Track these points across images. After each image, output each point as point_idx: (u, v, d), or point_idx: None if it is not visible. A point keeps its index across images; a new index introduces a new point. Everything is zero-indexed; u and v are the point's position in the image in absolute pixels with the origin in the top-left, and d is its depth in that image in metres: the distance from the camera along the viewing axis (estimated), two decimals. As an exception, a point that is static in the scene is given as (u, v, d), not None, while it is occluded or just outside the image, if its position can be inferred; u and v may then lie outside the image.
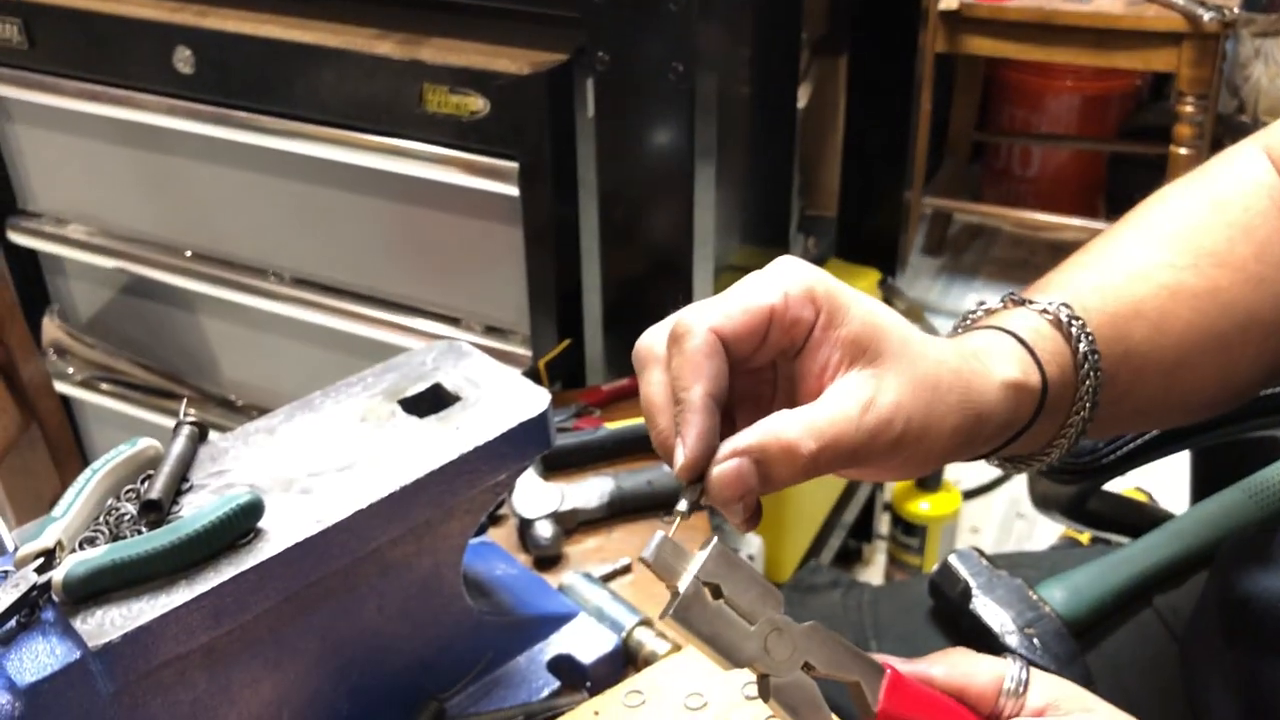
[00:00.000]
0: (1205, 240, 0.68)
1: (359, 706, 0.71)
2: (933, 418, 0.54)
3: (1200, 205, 0.70)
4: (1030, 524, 2.19)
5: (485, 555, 0.86)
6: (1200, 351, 0.66)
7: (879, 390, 0.52)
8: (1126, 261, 0.67)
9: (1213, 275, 0.67)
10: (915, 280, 2.96)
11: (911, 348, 0.54)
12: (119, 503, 0.65)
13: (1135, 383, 0.64)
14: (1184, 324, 0.65)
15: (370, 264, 1.49)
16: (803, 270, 0.54)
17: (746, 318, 0.52)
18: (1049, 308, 0.61)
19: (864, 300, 0.54)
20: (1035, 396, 0.59)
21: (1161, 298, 0.65)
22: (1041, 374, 0.59)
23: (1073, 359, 0.60)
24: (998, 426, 0.57)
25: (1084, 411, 0.61)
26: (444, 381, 0.74)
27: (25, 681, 0.56)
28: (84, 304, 1.81)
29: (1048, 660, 0.74)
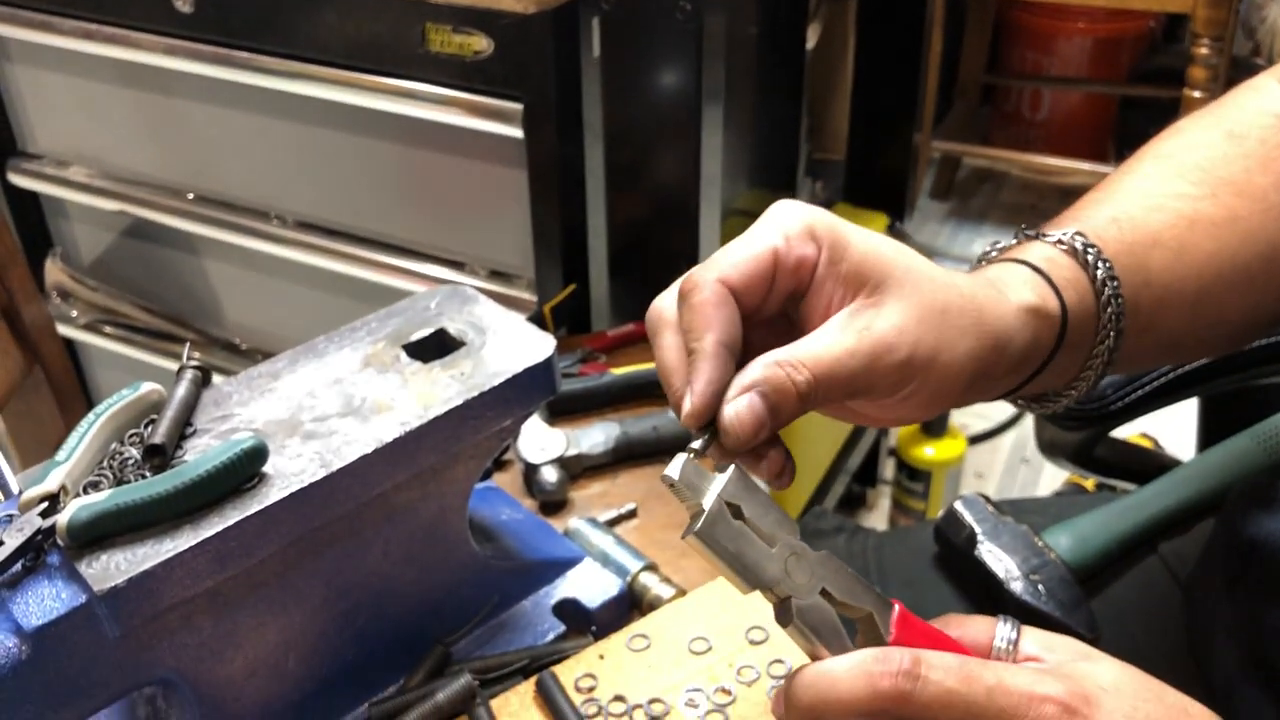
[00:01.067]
0: (1222, 170, 0.67)
1: (364, 650, 0.71)
2: (943, 342, 0.53)
3: (1216, 137, 0.69)
4: (1035, 470, 2.20)
5: (491, 500, 0.86)
6: (1223, 281, 0.65)
7: (878, 316, 0.52)
8: (1143, 193, 0.66)
9: (1231, 204, 0.65)
10: (923, 225, 2.94)
11: (917, 274, 0.53)
12: (122, 447, 0.65)
13: (1159, 312, 0.63)
14: (1205, 254, 0.64)
15: (373, 207, 1.48)
16: (801, 210, 0.53)
17: (752, 263, 0.52)
18: (1063, 238, 0.60)
19: (866, 234, 0.53)
20: (1055, 323, 0.58)
21: (1180, 227, 0.64)
22: (1060, 300, 0.58)
23: (1091, 286, 0.59)
24: (1018, 355, 0.56)
25: (1108, 341, 0.60)
26: (448, 326, 0.73)
27: (32, 624, 0.56)
28: (86, 247, 1.80)
29: (1052, 606, 0.74)
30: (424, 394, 0.68)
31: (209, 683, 0.64)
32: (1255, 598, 0.69)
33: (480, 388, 0.68)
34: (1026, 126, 3.10)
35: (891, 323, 0.52)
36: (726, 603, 0.72)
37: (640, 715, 0.64)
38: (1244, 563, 0.71)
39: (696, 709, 0.64)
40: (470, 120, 1.27)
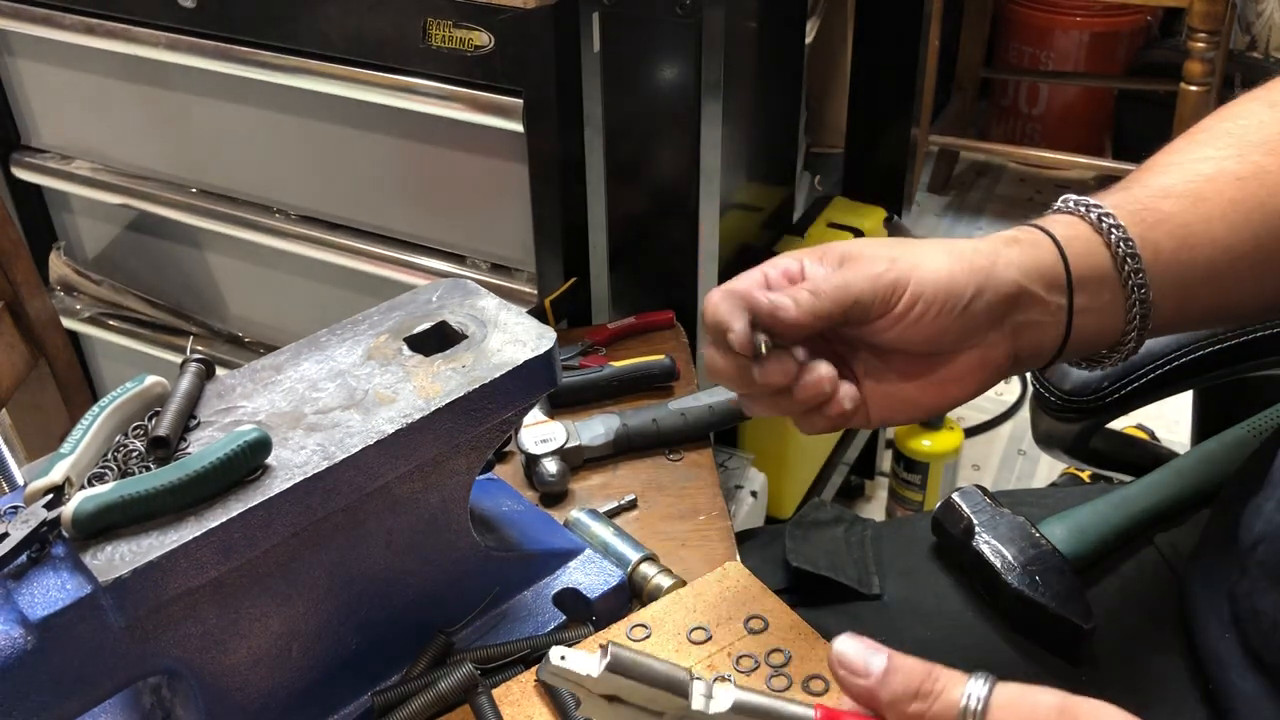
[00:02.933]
0: (1254, 135, 0.67)
1: (367, 640, 0.72)
2: (919, 258, 0.61)
3: (1255, 108, 0.69)
4: (1031, 462, 2.20)
5: (492, 491, 0.87)
6: (1260, 230, 0.65)
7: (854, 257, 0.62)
8: (1164, 162, 0.67)
9: (1258, 160, 0.65)
10: (921, 218, 2.95)
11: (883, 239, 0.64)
12: (127, 439, 0.65)
13: (1186, 253, 0.64)
14: (1226, 200, 0.64)
15: (376, 201, 1.48)
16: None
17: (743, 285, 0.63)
18: (1059, 206, 0.65)
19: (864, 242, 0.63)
20: (1050, 249, 0.62)
21: (1198, 181, 0.65)
22: (1046, 232, 0.63)
23: (1088, 224, 0.63)
24: (1013, 276, 0.61)
25: (1135, 277, 0.62)
26: (450, 319, 0.74)
27: (37, 615, 0.56)
28: (90, 240, 1.80)
29: (1049, 597, 0.74)
30: (425, 386, 0.68)
31: (213, 672, 0.65)
32: (1247, 588, 0.69)
33: (481, 380, 0.68)
34: (1024, 120, 3.10)
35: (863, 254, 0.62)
36: (726, 593, 0.73)
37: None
38: (1236, 553, 0.72)
39: (695, 698, 0.65)
40: (471, 115, 1.27)
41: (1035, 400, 1.00)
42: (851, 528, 0.87)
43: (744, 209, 1.48)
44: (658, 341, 1.19)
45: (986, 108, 3.17)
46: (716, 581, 0.74)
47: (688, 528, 0.89)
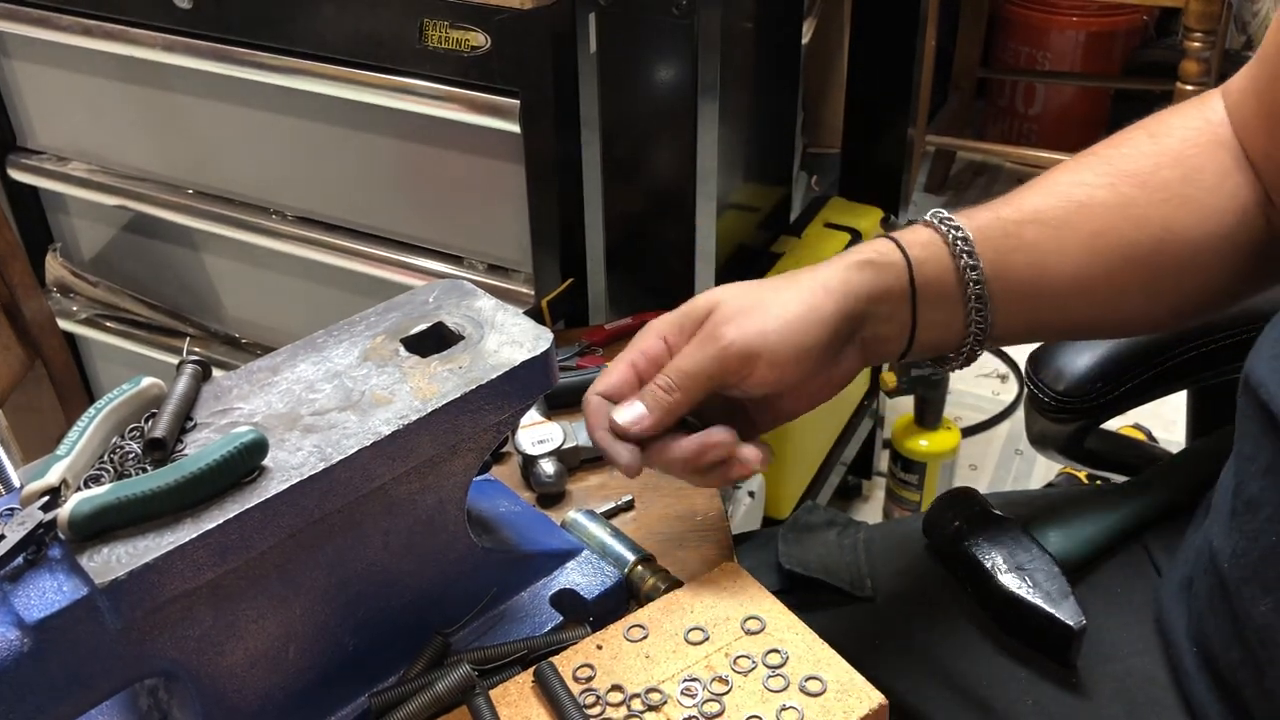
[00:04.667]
0: (1130, 165, 0.71)
1: (364, 641, 0.72)
2: (767, 306, 0.66)
3: (1138, 137, 0.73)
4: (1029, 462, 2.21)
5: (489, 492, 0.87)
6: (1116, 263, 0.70)
7: (710, 328, 0.67)
8: (1042, 185, 0.72)
9: (1127, 193, 0.70)
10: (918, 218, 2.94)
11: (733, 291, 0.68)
12: (123, 441, 0.65)
13: (1037, 280, 0.69)
14: (1089, 231, 0.69)
15: (372, 202, 1.48)
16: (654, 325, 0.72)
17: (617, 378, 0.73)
18: (926, 218, 0.70)
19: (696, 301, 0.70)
20: (901, 270, 0.67)
21: (1066, 208, 0.70)
22: (903, 251, 0.68)
23: (945, 244, 0.68)
24: (863, 300, 0.67)
25: (975, 295, 0.68)
26: (447, 320, 0.74)
27: (33, 617, 0.56)
28: (87, 242, 1.80)
29: (1039, 598, 0.74)
30: (422, 388, 0.68)
31: (210, 674, 0.65)
32: (1199, 606, 0.70)
33: (478, 381, 0.68)
34: (1020, 120, 3.11)
35: (715, 323, 0.67)
36: (723, 594, 0.73)
37: (638, 704, 0.65)
38: (1193, 568, 0.72)
39: (693, 698, 0.65)
40: (468, 115, 1.27)
41: (1029, 401, 1.00)
42: (844, 530, 0.87)
43: (741, 209, 1.48)
44: (654, 342, 1.19)
45: (983, 108, 3.17)
46: (713, 582, 0.74)
47: (685, 528, 0.89)
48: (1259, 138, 0.71)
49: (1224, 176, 0.71)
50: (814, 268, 0.69)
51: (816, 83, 1.84)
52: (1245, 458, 0.66)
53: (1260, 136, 0.71)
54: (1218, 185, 0.71)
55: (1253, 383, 0.65)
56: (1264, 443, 0.64)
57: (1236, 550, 0.65)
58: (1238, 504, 0.66)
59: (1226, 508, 0.68)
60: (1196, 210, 0.70)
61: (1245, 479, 0.66)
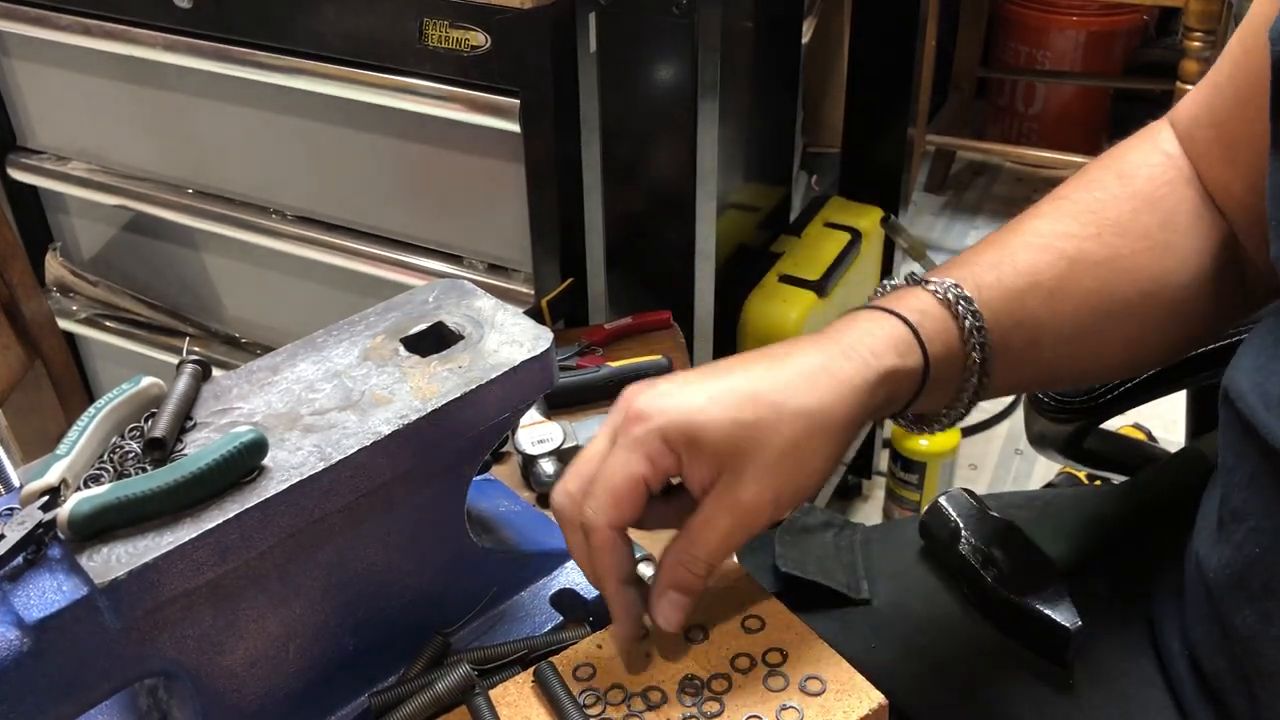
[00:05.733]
0: (1110, 211, 0.71)
1: (364, 641, 0.71)
2: (801, 468, 0.61)
3: (1108, 179, 0.73)
4: (1029, 461, 2.20)
5: (489, 492, 0.87)
6: (1103, 319, 0.70)
7: (741, 487, 0.60)
8: (1031, 235, 0.70)
9: (1114, 244, 0.70)
10: (918, 218, 2.95)
11: (764, 434, 0.60)
12: (123, 441, 0.65)
13: (1033, 347, 0.69)
14: (1083, 292, 0.69)
15: (372, 201, 1.48)
16: (653, 418, 0.60)
17: (629, 500, 0.61)
18: (939, 289, 0.66)
19: (714, 420, 0.60)
20: (917, 375, 0.64)
21: (1060, 267, 0.69)
22: (924, 354, 0.64)
23: (959, 334, 0.65)
24: (875, 410, 0.64)
25: (974, 378, 0.67)
26: (446, 320, 0.74)
27: (33, 617, 0.56)
28: (86, 241, 1.80)
29: (1034, 600, 0.74)
30: (422, 387, 0.68)
31: (210, 674, 0.65)
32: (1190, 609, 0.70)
33: (478, 381, 0.68)
34: (1020, 120, 3.11)
35: (753, 490, 0.60)
36: (723, 593, 0.73)
37: (638, 704, 0.65)
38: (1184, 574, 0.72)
39: (693, 697, 0.65)
40: (468, 115, 1.27)
41: (1029, 401, 1.00)
42: (841, 532, 0.87)
43: (741, 209, 1.48)
44: (654, 342, 1.19)
45: (983, 107, 3.17)
46: (713, 582, 0.74)
47: (684, 528, 0.89)
48: (1217, 169, 0.72)
49: (1196, 216, 0.72)
50: (855, 350, 0.63)
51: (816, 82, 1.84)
52: (1228, 469, 0.66)
53: (1219, 167, 0.72)
54: (1192, 226, 0.71)
55: (1232, 395, 0.65)
56: (1245, 454, 0.64)
57: (1222, 560, 0.66)
58: (1224, 514, 0.66)
59: (1213, 517, 0.68)
60: (1177, 255, 0.71)
61: (1229, 490, 0.66)
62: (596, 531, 0.62)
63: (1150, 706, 0.72)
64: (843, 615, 0.80)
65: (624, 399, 0.63)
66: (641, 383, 0.64)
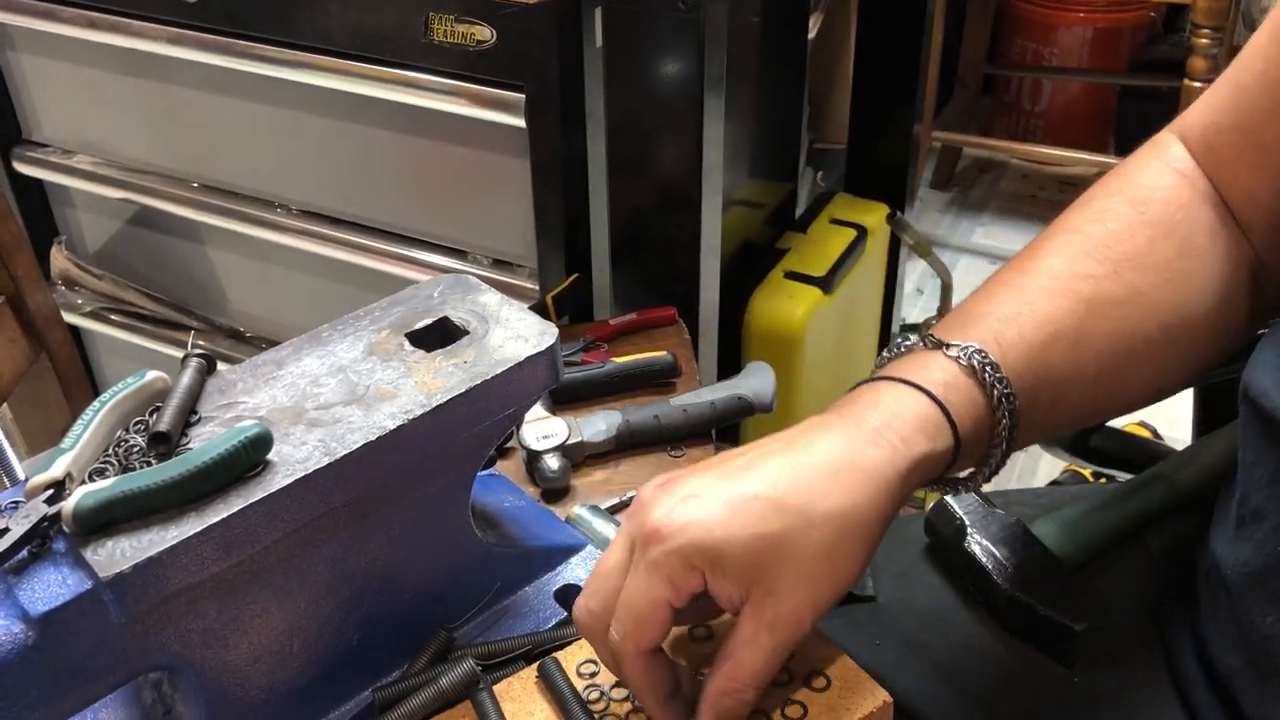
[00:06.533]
0: (1126, 245, 0.69)
1: (369, 636, 0.71)
2: (839, 574, 0.58)
3: (1121, 207, 0.71)
4: (1034, 458, 2.20)
5: (493, 487, 0.86)
6: (1125, 358, 0.68)
7: (777, 602, 0.56)
8: (1047, 277, 0.68)
9: (1132, 280, 0.68)
10: (923, 214, 2.94)
11: (794, 545, 0.56)
12: (128, 434, 0.65)
13: (1058, 401, 0.67)
14: (1104, 335, 0.67)
15: (377, 196, 1.48)
16: (672, 541, 0.56)
17: (656, 626, 0.58)
18: (963, 356, 0.63)
19: (736, 536, 0.56)
20: (946, 456, 0.62)
21: (1080, 313, 0.66)
22: (954, 433, 0.61)
23: (987, 405, 0.63)
24: (906, 498, 0.61)
25: (1002, 446, 0.64)
26: (451, 315, 0.73)
27: (38, 610, 0.56)
28: (92, 235, 1.80)
29: (1040, 598, 0.74)
30: (427, 382, 0.68)
31: (214, 668, 0.65)
32: (1203, 608, 0.69)
33: (483, 376, 0.68)
34: (1026, 117, 3.10)
35: (790, 605, 0.57)
36: (726, 590, 0.73)
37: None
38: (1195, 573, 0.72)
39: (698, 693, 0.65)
40: (473, 110, 1.27)
41: (1037, 399, 1.00)
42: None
43: (746, 205, 1.48)
44: (660, 338, 1.19)
45: (989, 104, 3.16)
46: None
47: (689, 524, 0.89)
48: (1243, 176, 0.70)
49: (1213, 237, 0.70)
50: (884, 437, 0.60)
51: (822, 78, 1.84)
52: (1249, 466, 0.66)
53: (1245, 174, 0.70)
54: (1209, 249, 0.70)
55: (1252, 393, 0.65)
56: (1267, 453, 0.63)
57: (1240, 559, 0.65)
58: (1243, 513, 0.66)
59: (1231, 516, 0.68)
60: (1195, 282, 0.69)
61: (1249, 489, 0.65)
62: (628, 659, 0.59)
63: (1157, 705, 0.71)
64: (847, 612, 0.80)
65: (640, 506, 0.59)
66: (657, 481, 0.60)
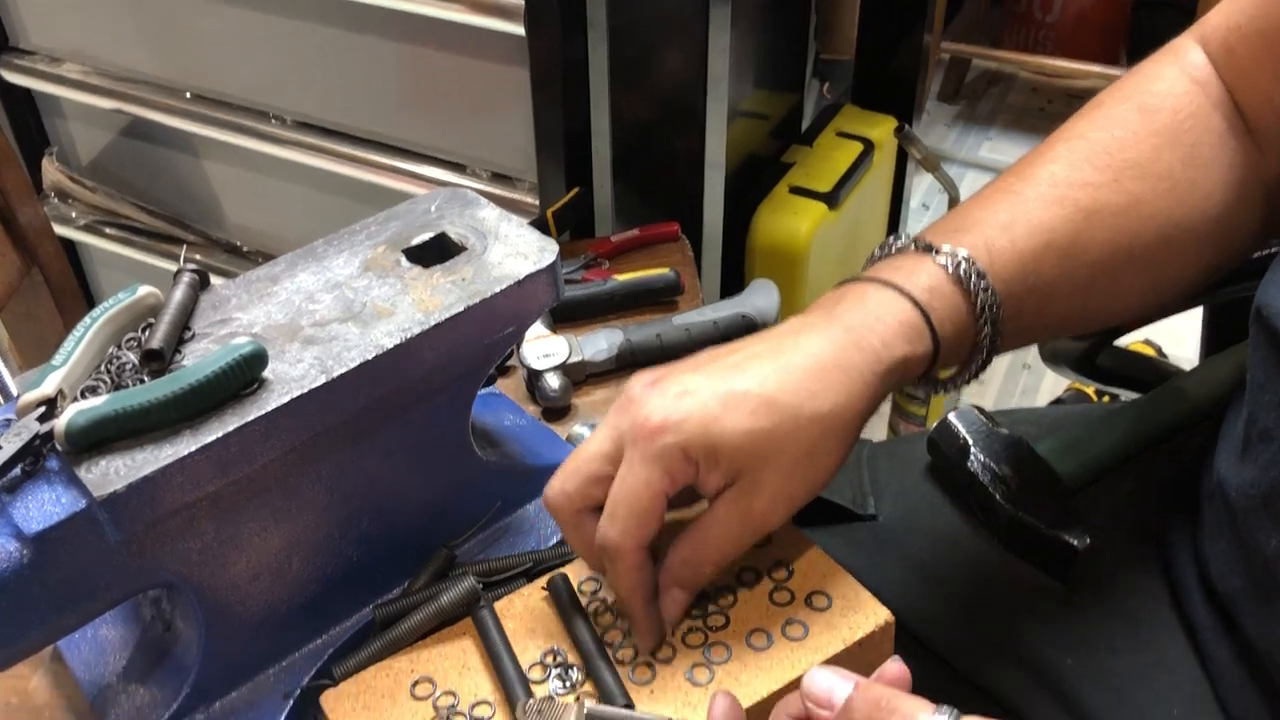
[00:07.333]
0: (1130, 152, 0.67)
1: (369, 554, 0.71)
2: (814, 471, 0.60)
3: (1129, 114, 0.69)
4: (1036, 376, 2.20)
5: (494, 406, 0.86)
6: (1120, 269, 0.67)
7: (755, 494, 0.59)
8: (1046, 184, 0.67)
9: (1133, 189, 0.66)
10: (931, 127, 2.90)
11: (781, 443, 0.58)
12: (120, 351, 0.64)
13: (1045, 309, 0.67)
14: (1100, 245, 0.66)
15: (373, 107, 1.46)
16: (673, 434, 0.57)
17: (653, 514, 0.59)
18: (950, 263, 0.63)
19: (731, 430, 0.57)
20: (925, 360, 0.62)
21: (1076, 221, 0.65)
22: (934, 338, 0.62)
23: (970, 313, 0.63)
24: (883, 398, 0.63)
25: (983, 352, 0.65)
26: (449, 230, 0.72)
27: (32, 529, 0.56)
28: (84, 146, 1.78)
29: (1042, 518, 0.74)
30: (425, 300, 0.67)
31: (213, 586, 0.64)
32: (1206, 529, 0.69)
33: (482, 294, 0.67)
34: (1036, 28, 3.03)
35: (769, 497, 0.59)
36: (728, 509, 0.72)
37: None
38: (1198, 492, 0.71)
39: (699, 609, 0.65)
40: (471, 17, 1.24)
41: (1045, 317, 0.99)
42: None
43: (752, 117, 1.45)
44: (662, 254, 1.17)
45: (999, 14, 3.10)
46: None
47: (691, 442, 0.88)
48: (1263, 82, 0.68)
49: (1221, 147, 0.68)
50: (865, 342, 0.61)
51: (830, -13, 1.79)
52: (1258, 387, 0.65)
53: (1265, 81, 0.68)
54: (1216, 158, 0.68)
55: (1266, 314, 0.64)
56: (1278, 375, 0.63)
57: (1246, 481, 0.64)
58: (1250, 434, 0.65)
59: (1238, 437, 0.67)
60: (1200, 192, 0.68)
61: (1258, 410, 0.65)
62: (625, 555, 0.59)
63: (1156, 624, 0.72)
64: (848, 531, 0.80)
65: (631, 402, 0.60)
66: (646, 379, 0.61)
